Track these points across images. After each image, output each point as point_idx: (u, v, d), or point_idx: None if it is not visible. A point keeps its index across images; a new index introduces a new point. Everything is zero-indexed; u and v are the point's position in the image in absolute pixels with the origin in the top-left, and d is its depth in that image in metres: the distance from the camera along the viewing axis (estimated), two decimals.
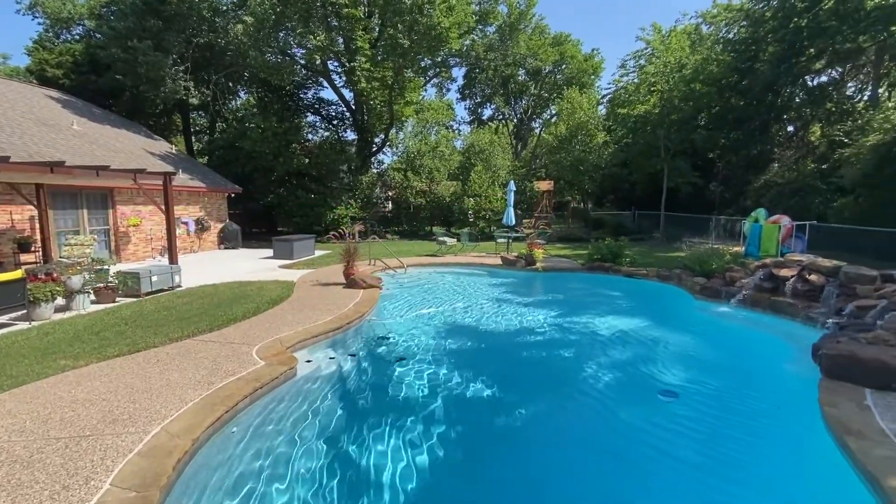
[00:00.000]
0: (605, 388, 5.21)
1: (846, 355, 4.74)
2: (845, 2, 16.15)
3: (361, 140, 25.00)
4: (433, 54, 23.03)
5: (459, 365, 5.67)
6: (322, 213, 21.00)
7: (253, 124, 21.25)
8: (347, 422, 4.23)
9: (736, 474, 3.63)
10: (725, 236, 16.59)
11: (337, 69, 22.94)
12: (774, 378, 5.60)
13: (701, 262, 9.92)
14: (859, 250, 12.64)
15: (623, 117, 22.61)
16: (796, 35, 17.84)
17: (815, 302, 7.39)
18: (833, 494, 3.31)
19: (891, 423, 3.84)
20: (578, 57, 34.47)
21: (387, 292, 9.64)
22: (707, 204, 22.98)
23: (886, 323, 5.51)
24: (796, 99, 21.37)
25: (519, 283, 11.32)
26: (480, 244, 18.65)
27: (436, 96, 36.23)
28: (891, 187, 13.05)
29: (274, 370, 4.72)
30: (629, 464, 3.82)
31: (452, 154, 26.59)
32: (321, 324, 6.54)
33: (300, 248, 14.56)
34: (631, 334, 7.11)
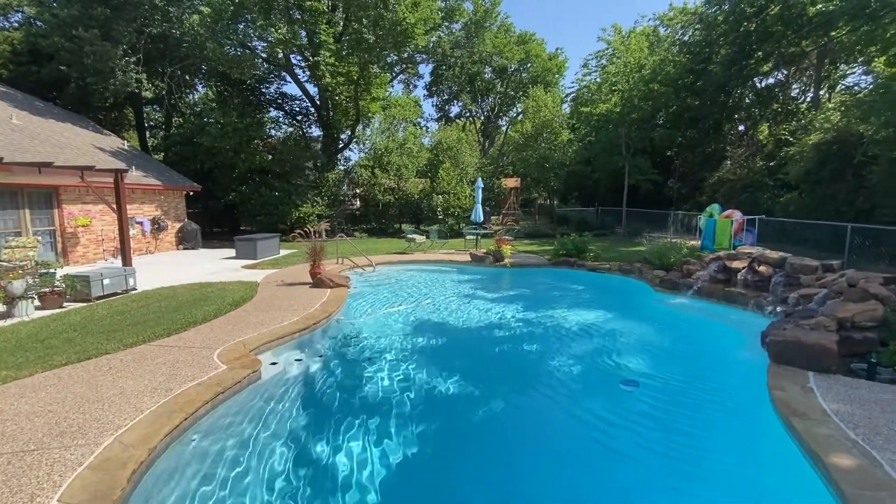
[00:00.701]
0: (570, 380, 5.36)
1: (791, 341, 5.07)
2: (790, 8, 17.13)
3: (327, 136, 24.52)
4: (399, 50, 22.82)
5: (429, 362, 5.69)
6: (287, 211, 20.47)
7: (212, 119, 20.44)
8: (315, 424, 4.16)
9: (693, 455, 3.82)
10: (683, 231, 17.33)
11: (300, 63, 22.36)
12: (728, 364, 5.92)
13: (660, 255, 10.34)
14: (803, 242, 13.50)
15: (586, 116, 23.20)
16: (746, 39, 18.80)
17: (764, 291, 7.85)
18: (780, 472, 3.53)
19: (831, 403, 4.15)
20: (543, 56, 35.03)
21: (355, 291, 9.54)
22: (666, 200, 23.93)
23: (826, 310, 5.92)
24: (746, 99, 22.55)
25: (487, 280, 11.45)
26: (450, 241, 18.71)
27: (403, 93, 35.99)
28: (831, 184, 13.99)
29: (237, 374, 4.59)
30: (597, 449, 3.95)
31: (421, 151, 26.48)
32: (287, 325, 6.40)
33: (264, 248, 14.16)
34: (595, 327, 7.33)
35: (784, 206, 15.88)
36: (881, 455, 3.27)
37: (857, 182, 13.04)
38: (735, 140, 23.93)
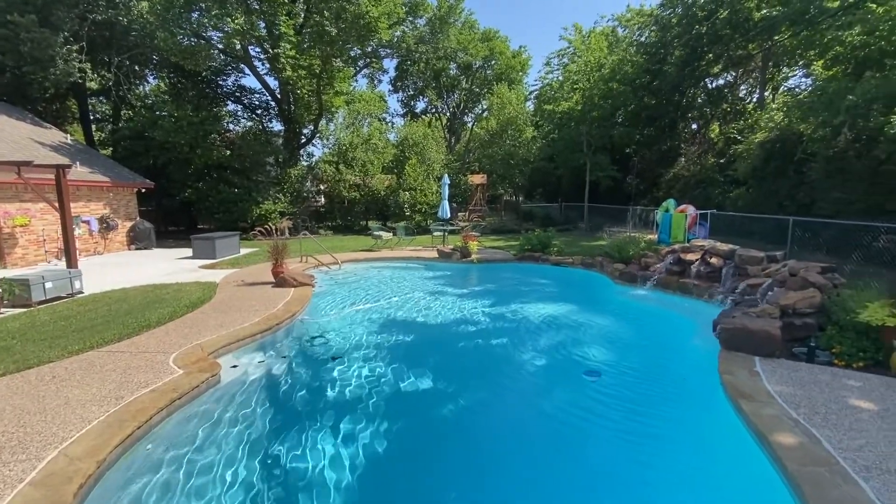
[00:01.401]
0: (536, 372, 5.47)
1: (739, 328, 5.37)
2: (737, 12, 18.04)
3: (289, 131, 23.85)
4: (363, 44, 22.48)
5: (397, 359, 5.66)
6: (247, 208, 19.79)
7: (165, 112, 19.44)
8: (279, 427, 4.04)
9: (651, 439, 3.98)
10: (641, 225, 17.96)
11: (259, 55, 21.61)
12: (683, 352, 6.21)
13: (620, 249, 10.70)
14: (751, 235, 14.30)
15: (549, 113, 23.63)
16: (697, 41, 19.66)
17: (715, 282, 8.27)
18: (730, 452, 3.73)
19: (776, 385, 4.42)
20: (507, 53, 35.38)
21: (320, 290, 9.35)
22: (625, 195, 24.75)
23: (771, 298, 6.31)
24: (698, 99, 23.61)
25: (455, 275, 11.49)
26: (417, 238, 18.66)
27: (367, 87, 35.49)
28: (774, 180, 14.87)
29: (194, 378, 4.41)
30: (563, 438, 4.05)
31: (386, 147, 26.21)
32: (248, 326, 6.20)
33: (223, 247, 13.64)
34: (558, 319, 7.51)
35: (733, 201, 16.77)
36: (820, 433, 3.52)
37: (798, 178, 13.93)
38: (689, 138, 25.04)
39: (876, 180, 11.35)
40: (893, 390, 4.29)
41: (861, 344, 4.96)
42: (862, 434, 3.50)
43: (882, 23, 10.97)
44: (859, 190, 11.66)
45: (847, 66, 12.99)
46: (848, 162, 11.95)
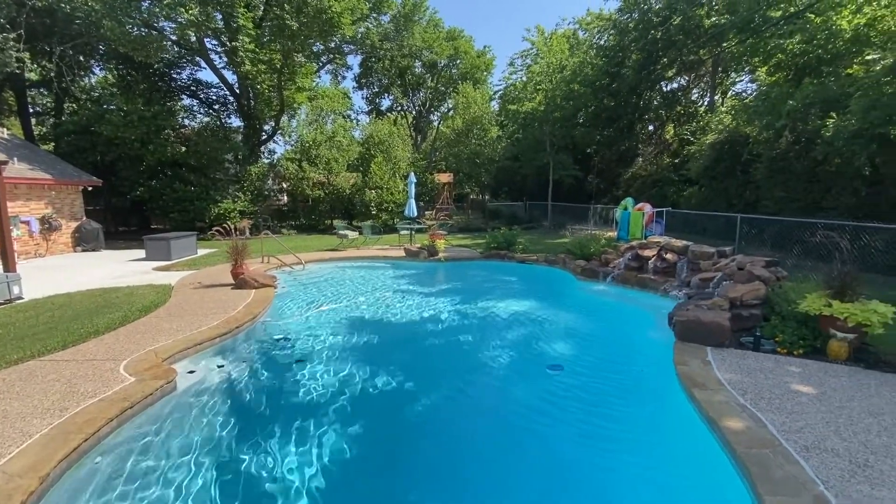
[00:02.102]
0: (502, 368, 5.54)
1: (693, 320, 5.64)
2: (689, 20, 18.92)
3: (248, 127, 23.09)
4: (325, 39, 22.05)
5: (364, 360, 5.59)
6: (205, 207, 19.02)
7: (113, 106, 18.38)
8: (241, 433, 3.91)
9: (612, 429, 4.12)
10: (602, 223, 18.57)
11: (216, 48, 20.80)
12: (641, 344, 6.45)
13: (581, 246, 11.01)
14: (703, 231, 15.08)
15: (513, 113, 23.99)
16: (653, 45, 20.47)
17: (671, 277, 8.65)
18: (684, 437, 3.91)
19: (725, 373, 4.68)
20: (472, 53, 35.62)
21: (283, 291, 9.12)
22: (586, 194, 25.50)
23: (721, 291, 6.66)
24: (654, 102, 24.61)
25: (422, 274, 11.48)
26: (383, 237, 18.50)
27: (331, 83, 34.86)
28: (724, 179, 15.72)
29: (147, 386, 4.20)
30: (528, 432, 4.11)
31: (351, 144, 25.81)
32: (206, 330, 5.96)
33: (179, 248, 13.05)
34: (523, 315, 7.65)
35: (687, 199, 17.61)
36: (765, 416, 3.75)
37: (745, 178, 14.79)
38: (646, 139, 26.07)
39: (814, 180, 12.21)
40: (830, 375, 4.63)
41: (801, 332, 5.33)
42: (802, 416, 3.76)
43: (819, 32, 11.79)
44: (799, 189, 12.50)
45: (788, 73, 13.89)
46: (789, 163, 12.79)
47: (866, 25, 11.26)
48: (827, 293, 5.24)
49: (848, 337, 4.94)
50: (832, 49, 12.06)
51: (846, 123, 9.82)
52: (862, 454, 3.22)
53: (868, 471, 3.03)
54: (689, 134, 21.18)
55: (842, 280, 5.20)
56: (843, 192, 11.35)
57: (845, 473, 2.99)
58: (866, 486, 2.87)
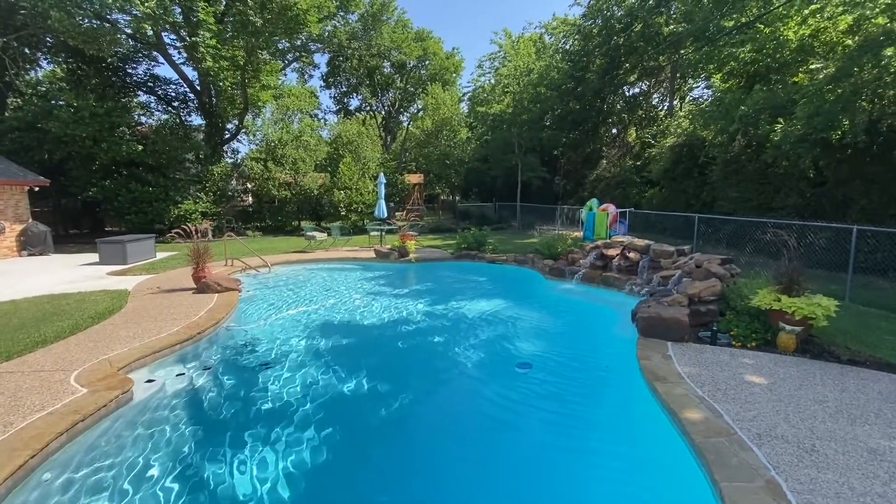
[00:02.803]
0: (472, 368, 5.57)
1: (654, 317, 5.85)
2: (649, 27, 19.65)
3: (210, 125, 22.29)
4: (291, 37, 21.58)
5: (333, 363, 5.50)
6: (164, 208, 18.23)
7: (62, 102, 17.32)
8: (203, 443, 3.76)
9: (580, 424, 4.23)
10: (568, 223, 19.01)
11: (175, 43, 19.95)
12: (606, 340, 6.64)
13: (549, 246, 11.23)
14: (664, 231, 15.68)
15: (482, 115, 24.23)
16: (616, 51, 21.14)
17: (633, 275, 8.95)
18: (648, 429, 4.04)
19: (685, 367, 4.87)
20: (441, 54, 35.72)
21: (248, 295, 8.85)
22: (554, 195, 26.04)
23: (680, 288, 6.94)
24: (617, 106, 25.41)
25: (393, 275, 11.40)
26: (353, 238, 18.29)
27: (297, 82, 34.16)
28: (682, 180, 16.41)
29: (101, 397, 3.98)
30: (496, 430, 4.16)
31: (319, 144, 25.36)
32: (165, 336, 5.71)
33: (136, 251, 12.45)
34: (493, 315, 7.72)
35: (648, 200, 18.27)
36: (721, 407, 3.94)
37: (702, 179, 15.49)
38: (609, 142, 26.87)
39: (764, 181, 12.91)
40: (779, 366, 4.90)
41: (753, 326, 5.62)
42: (755, 406, 3.97)
43: (768, 42, 12.48)
44: (751, 190, 13.20)
45: (740, 80, 14.63)
46: (741, 165, 13.48)
47: (810, 36, 12.02)
48: (776, 289, 5.55)
49: (795, 329, 5.25)
50: (780, 58, 12.80)
51: (792, 128, 10.44)
52: (809, 440, 3.43)
53: (814, 455, 3.22)
54: (650, 137, 21.99)
55: (789, 276, 5.52)
56: (791, 193, 12.07)
57: (794, 459, 3.18)
58: (813, 469, 3.06)
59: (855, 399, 4.10)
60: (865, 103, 9.72)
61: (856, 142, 9.66)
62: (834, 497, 2.78)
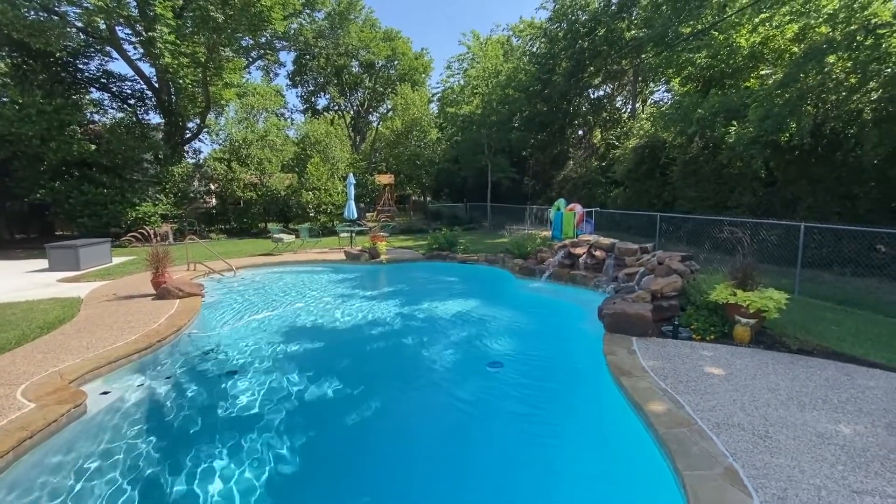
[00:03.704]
0: (443, 369, 5.57)
1: (619, 313, 6.03)
2: (612, 31, 20.24)
3: (170, 124, 21.40)
4: (255, 34, 20.99)
5: (303, 368, 5.38)
6: (120, 211, 17.37)
7: (6, 98, 16.22)
8: (165, 456, 3.61)
9: (550, 419, 4.32)
10: (537, 223, 19.31)
11: (130, 38, 19.06)
12: (574, 337, 6.79)
13: (519, 246, 11.39)
14: (628, 229, 16.18)
15: (452, 116, 24.32)
16: (581, 54, 21.65)
17: (600, 272, 9.18)
18: (614, 423, 4.16)
19: (648, 361, 5.04)
20: (410, 54, 35.61)
21: (212, 300, 8.56)
22: (523, 195, 26.42)
23: (643, 285, 7.17)
24: (583, 108, 26.03)
25: (364, 277, 11.28)
26: (322, 240, 17.98)
27: (262, 80, 33.25)
28: (645, 180, 16.98)
29: (50, 412, 3.76)
30: (468, 430, 4.18)
31: (285, 144, 24.79)
32: (122, 346, 5.44)
33: (90, 256, 11.81)
34: (465, 315, 7.77)
35: (613, 200, 18.81)
36: (682, 398, 4.10)
37: (663, 179, 16.07)
38: (576, 143, 27.50)
39: (720, 181, 13.52)
40: (736, 357, 5.15)
41: (712, 320, 5.88)
42: (714, 396, 4.15)
43: (722, 48, 13.08)
44: (709, 189, 13.79)
45: (697, 84, 15.28)
46: (699, 166, 14.07)
47: (760, 44, 12.68)
48: (732, 284, 5.83)
49: (750, 322, 5.52)
50: (733, 64, 13.45)
51: (745, 131, 10.99)
52: (763, 427, 3.61)
53: (768, 441, 3.40)
54: (614, 139, 22.64)
55: (744, 271, 5.81)
56: (745, 192, 12.69)
57: (749, 445, 3.35)
58: (767, 455, 3.23)
59: (804, 386, 4.36)
60: (810, 107, 10.35)
61: (802, 144, 10.28)
62: (786, 480, 2.94)
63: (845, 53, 9.65)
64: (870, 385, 4.39)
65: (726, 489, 2.84)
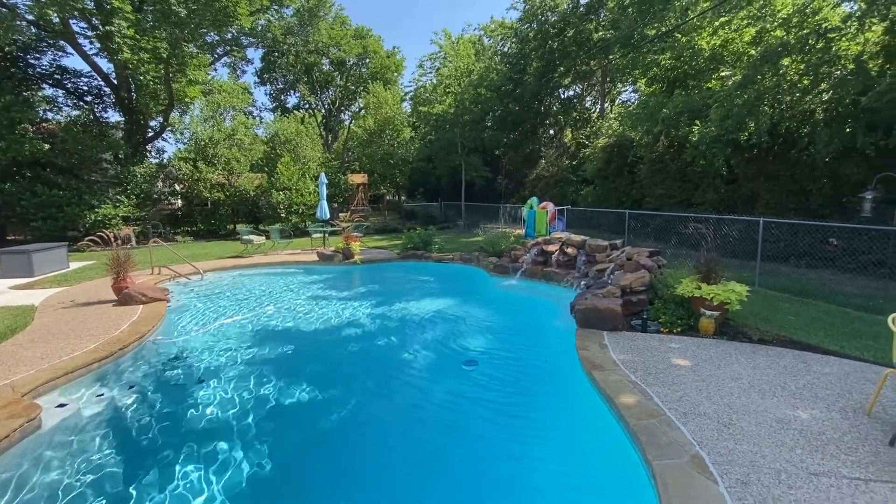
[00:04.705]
0: (419, 369, 5.56)
1: (590, 308, 6.15)
2: (581, 33, 20.62)
3: (130, 123, 20.52)
4: (220, 30, 20.33)
5: (275, 373, 5.25)
6: (78, 213, 16.53)
7: None
8: (127, 470, 3.44)
9: (525, 415, 4.36)
10: (511, 221, 19.51)
11: (86, 32, 18.17)
12: (547, 333, 6.87)
13: (493, 244, 11.48)
14: (599, 226, 16.54)
15: (425, 115, 24.28)
16: (551, 55, 21.97)
17: (572, 269, 9.36)
18: (587, 415, 4.24)
19: (619, 354, 5.16)
20: (381, 53, 35.32)
21: (178, 304, 8.26)
22: (497, 194, 26.65)
23: (613, 280, 7.35)
24: (554, 107, 26.44)
25: (337, 278, 11.12)
26: (294, 241, 17.61)
27: (229, 77, 32.32)
28: (614, 178, 17.39)
29: (1, 427, 3.53)
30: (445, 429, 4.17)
31: (254, 143, 24.17)
32: (80, 355, 5.18)
33: (45, 261, 11.18)
34: (440, 314, 7.76)
35: (584, 198, 19.19)
36: (651, 390, 4.22)
37: (631, 177, 16.50)
38: (547, 142, 27.92)
39: (685, 179, 13.98)
40: (701, 348, 5.34)
41: (678, 313, 6.08)
42: (681, 387, 4.29)
43: (685, 50, 13.52)
44: (675, 187, 14.25)
45: (662, 85, 15.74)
46: (665, 164, 14.51)
47: (721, 46, 13.17)
48: (697, 277, 6.04)
49: (714, 314, 5.73)
50: (695, 65, 13.92)
51: (707, 130, 11.41)
52: (727, 415, 3.76)
53: (732, 429, 3.54)
54: (584, 138, 23.11)
55: (708, 265, 6.03)
56: (708, 190, 13.18)
57: (715, 433, 3.47)
58: (731, 442, 3.36)
59: (764, 375, 4.55)
60: (767, 108, 10.83)
61: (760, 143, 10.75)
62: (749, 465, 3.07)
63: (798, 56, 10.14)
64: (824, 371, 4.62)
65: (693, 477, 2.94)
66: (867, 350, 5.20)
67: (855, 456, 3.17)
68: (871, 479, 2.92)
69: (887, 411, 3.79)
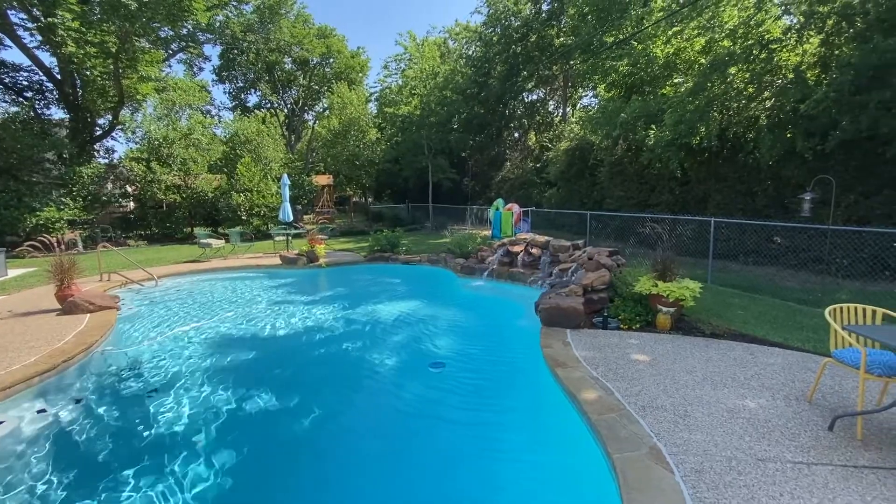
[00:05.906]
0: (386, 372, 5.50)
1: (554, 307, 6.28)
2: (543, 38, 21.09)
3: (76, 120, 19.35)
4: (175, 25, 19.51)
5: (234, 383, 5.05)
6: (17, 217, 15.42)
7: None
8: (72, 491, 3.23)
9: (491, 413, 4.39)
10: (478, 223, 19.70)
11: (26, 23, 17.00)
12: (513, 332, 6.98)
13: (460, 245, 11.54)
14: (562, 227, 16.95)
15: (391, 116, 24.15)
16: (515, 59, 22.36)
17: (536, 269, 9.53)
18: (552, 412, 4.32)
19: (581, 351, 5.29)
20: (345, 53, 34.87)
21: (129, 312, 7.84)
22: (464, 196, 26.83)
23: (576, 279, 7.54)
24: (518, 111, 26.90)
25: (301, 282, 10.86)
26: (256, 244, 17.10)
27: (185, 74, 31.00)
28: (576, 181, 17.87)
29: None
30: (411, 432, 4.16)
31: (213, 143, 23.28)
32: (17, 369, 4.81)
33: None
34: (407, 316, 7.72)
35: (548, 200, 19.62)
36: (612, 385, 4.35)
37: (592, 179, 17.00)
38: (512, 145, 28.37)
39: (642, 181, 14.54)
40: (658, 343, 5.55)
41: (637, 310, 6.30)
42: (639, 381, 4.44)
43: (641, 58, 14.07)
44: (633, 188, 14.78)
45: (620, 90, 16.31)
46: (624, 167, 15.04)
47: (674, 55, 13.80)
48: (654, 275, 6.28)
49: (670, 311, 5.98)
50: (651, 72, 14.52)
51: (662, 134, 11.91)
52: (682, 407, 3.92)
53: (687, 420, 3.70)
54: (547, 141, 23.63)
55: (663, 264, 6.28)
56: (664, 191, 13.76)
57: (671, 425, 3.62)
58: (686, 432, 3.50)
59: (716, 367, 4.79)
60: (716, 114, 11.43)
61: (710, 146, 11.33)
62: (702, 454, 3.21)
63: (744, 65, 10.76)
64: (770, 362, 4.91)
65: (651, 468, 3.05)
66: (808, 341, 5.57)
67: (798, 441, 3.38)
68: (813, 462, 3.12)
69: (826, 398, 4.07)
